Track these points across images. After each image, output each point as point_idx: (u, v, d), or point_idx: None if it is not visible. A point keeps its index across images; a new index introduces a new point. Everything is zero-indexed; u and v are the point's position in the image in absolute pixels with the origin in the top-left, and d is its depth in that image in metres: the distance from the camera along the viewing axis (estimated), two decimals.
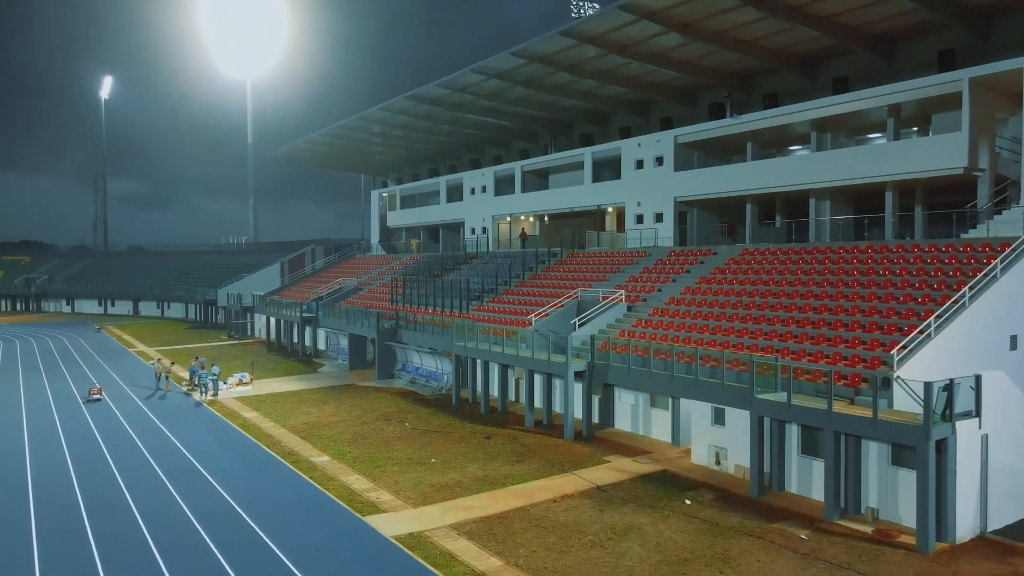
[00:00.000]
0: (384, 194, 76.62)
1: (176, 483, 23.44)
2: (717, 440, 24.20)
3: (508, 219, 56.94)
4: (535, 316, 35.28)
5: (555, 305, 36.76)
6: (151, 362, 40.50)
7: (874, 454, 20.15)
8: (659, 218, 43.09)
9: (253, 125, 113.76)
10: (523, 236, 55.56)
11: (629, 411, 29.34)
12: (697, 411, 24.98)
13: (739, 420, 23.02)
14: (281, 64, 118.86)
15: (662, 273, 36.52)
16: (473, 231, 60.32)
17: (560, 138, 54.26)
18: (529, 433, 29.58)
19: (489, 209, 58.47)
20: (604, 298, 34.67)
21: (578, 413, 29.49)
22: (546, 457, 26.01)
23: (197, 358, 42.94)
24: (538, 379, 31.59)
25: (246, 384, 41.73)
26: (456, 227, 65.50)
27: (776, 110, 36.71)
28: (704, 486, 22.63)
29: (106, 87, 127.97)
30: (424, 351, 40.72)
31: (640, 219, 44.42)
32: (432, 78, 48.96)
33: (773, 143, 40.97)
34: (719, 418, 24.11)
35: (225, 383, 40.94)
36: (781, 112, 36.25)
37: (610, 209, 49.54)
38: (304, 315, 54.36)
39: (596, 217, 49.32)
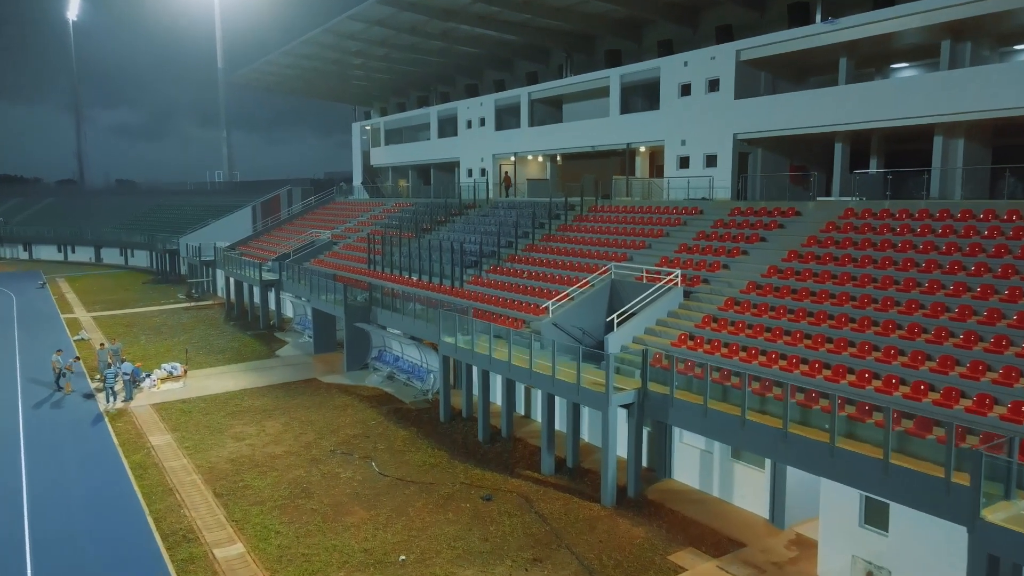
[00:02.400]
0: (367, 127, 65.74)
1: None
2: (870, 551, 14.75)
3: (512, 159, 46.54)
4: (553, 303, 25.56)
5: (580, 283, 27.00)
6: (54, 358, 31.25)
7: None
8: (711, 162, 32.88)
9: (224, 49, 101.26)
10: (506, 182, 45.32)
11: (697, 458, 19.96)
12: (831, 491, 15.55)
13: (919, 527, 13.64)
14: None
15: (726, 240, 26.61)
16: (470, 173, 49.99)
17: (578, 57, 43.28)
18: (548, 488, 20.29)
19: (489, 147, 47.97)
20: (648, 276, 24.90)
21: (622, 450, 20.15)
22: (579, 549, 16.77)
23: (104, 345, 33.42)
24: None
25: (177, 378, 32.40)
26: (450, 167, 55.14)
27: (891, 10, 26.06)
28: None
29: (73, 8, 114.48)
30: (407, 341, 31.17)
31: (684, 162, 34.20)
32: None
33: (874, 59, 30.38)
34: (876, 516, 14.70)
35: (149, 376, 31.60)
36: (900, 12, 25.63)
37: (642, 149, 39.19)
38: (264, 277, 44.63)
39: (624, 159, 39.00)
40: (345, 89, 65.84)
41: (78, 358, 32.82)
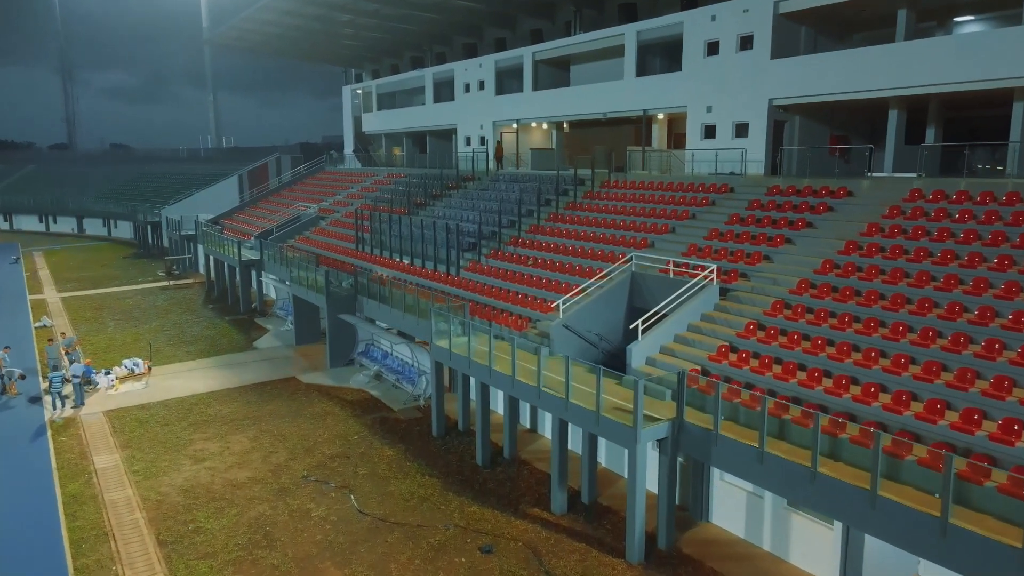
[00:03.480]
0: (358, 91, 61.26)
1: None
2: None
3: (515, 127, 42.40)
4: (564, 300, 21.85)
5: (597, 274, 23.27)
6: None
7: None
8: (741, 131, 28.89)
9: (208, 7, 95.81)
10: (498, 153, 41.28)
11: (742, 502, 16.40)
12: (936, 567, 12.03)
13: None
14: None
15: (765, 225, 22.77)
16: (468, 142, 45.85)
17: (588, 12, 38.86)
18: (561, 535, 16.82)
19: (489, 112, 43.77)
20: (675, 269, 21.14)
21: (652, 485, 16.62)
22: None
23: (52, 340, 29.76)
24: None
25: (139, 377, 28.87)
26: (447, 135, 50.93)
27: None
28: None
29: None
30: (396, 338, 27.51)
31: (710, 132, 30.19)
32: None
33: (936, 12, 26.21)
34: None
35: (108, 375, 28.06)
36: None
37: (660, 116, 35.08)
38: (244, 257, 40.85)
39: (640, 127, 34.93)
40: (333, 50, 61.14)
41: (7, 348, 28.85)
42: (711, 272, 19.94)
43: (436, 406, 22.48)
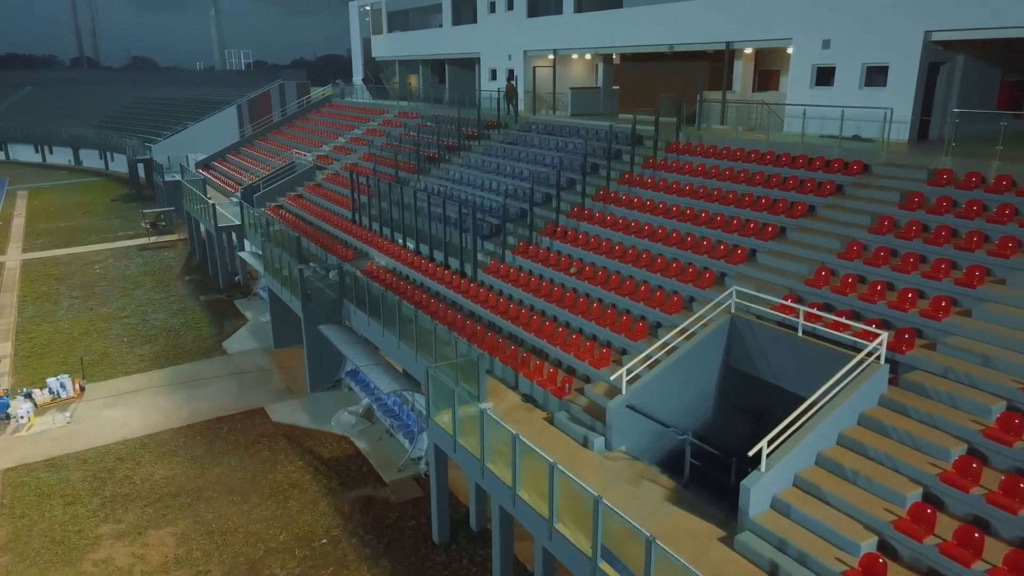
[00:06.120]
0: (366, 7, 52.16)
1: None
2: None
3: (551, 58, 33.75)
4: (627, 365, 14.40)
5: (669, 303, 15.71)
6: None
7: None
8: (874, 77, 20.44)
9: None
10: (509, 93, 32.90)
11: None
12: None
13: None
14: None
15: (944, 242, 14.63)
16: (494, 75, 37.35)
17: None
18: None
19: (519, 39, 35.10)
20: (805, 324, 13.41)
21: None
22: None
23: None
24: None
25: (66, 402, 22.45)
26: (469, 64, 42.34)
27: None
28: None
29: None
30: (385, 375, 20.31)
31: (825, 76, 21.72)
32: None
33: None
34: None
35: (27, 400, 21.69)
36: None
37: (748, 51, 26.37)
38: (219, 224, 33.71)
39: (716, 65, 26.32)
40: None
41: None
42: (879, 341, 12.18)
43: (437, 504, 15.54)
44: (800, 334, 13.30)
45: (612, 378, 14.02)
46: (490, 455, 13.19)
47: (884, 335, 12.10)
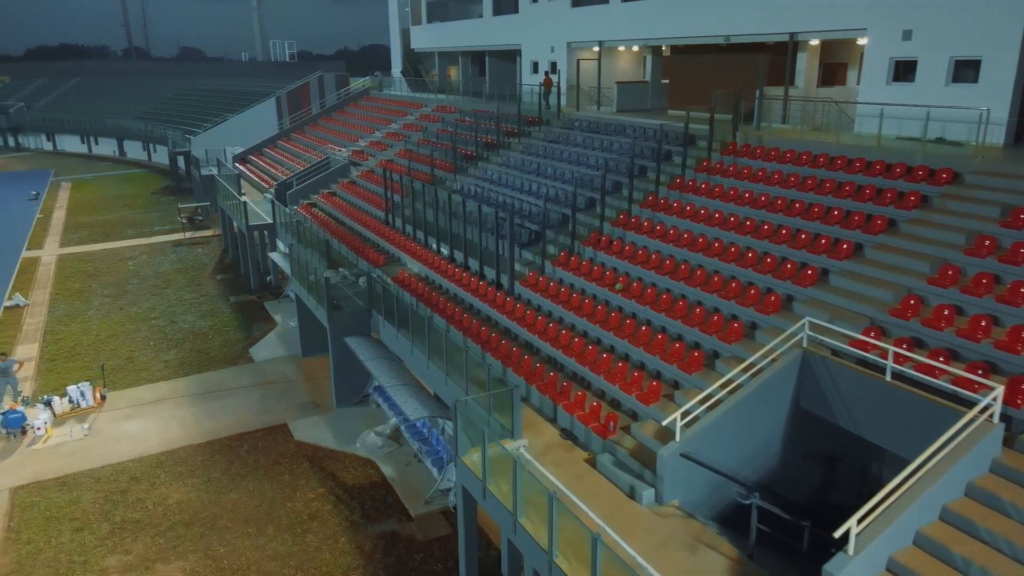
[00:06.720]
0: None
1: None
2: None
3: (596, 49, 31.86)
4: (682, 407, 12.68)
5: (729, 328, 13.93)
6: None
7: None
8: (963, 72, 18.21)
9: None
10: (547, 85, 31.06)
11: None
12: None
13: None
14: None
15: None
16: (535, 68, 35.59)
17: None
18: None
19: (562, 31, 33.27)
20: (894, 366, 11.49)
21: None
22: None
23: (5, 355, 22.40)
24: None
25: (86, 412, 21.59)
26: (511, 56, 40.66)
27: None
28: None
29: None
30: (420, 392, 18.84)
31: (904, 70, 19.52)
32: None
33: None
34: None
35: (46, 410, 20.88)
36: None
37: (814, 42, 24.15)
38: (250, 222, 32.74)
39: (782, 59, 24.19)
40: None
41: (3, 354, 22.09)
42: (992, 396, 10.21)
43: (465, 551, 14.03)
44: (888, 378, 11.39)
45: (665, 422, 12.28)
46: (523, 507, 11.62)
47: (999, 389, 10.13)
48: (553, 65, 33.95)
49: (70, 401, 21.74)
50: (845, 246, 15.30)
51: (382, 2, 55.16)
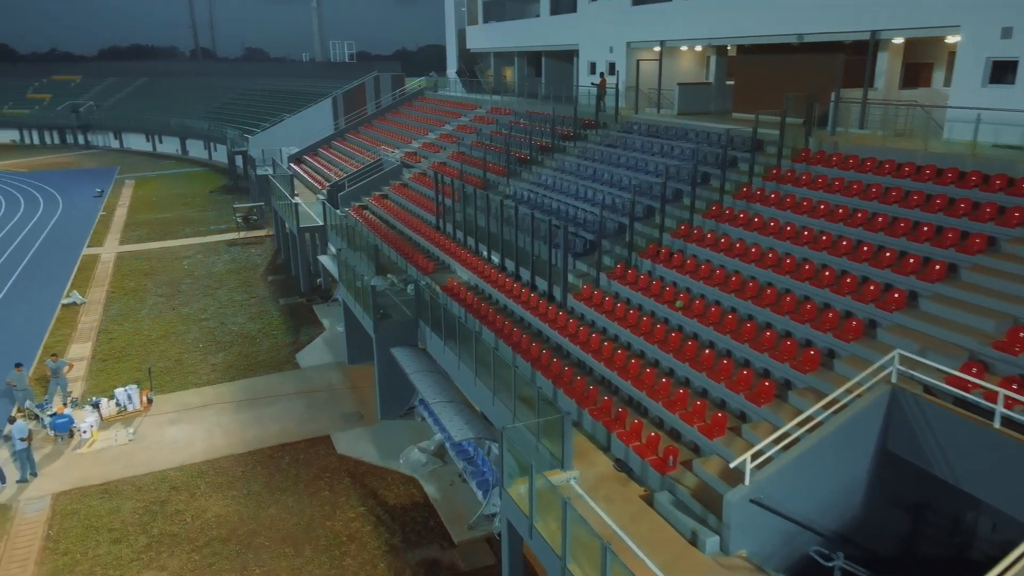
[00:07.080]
0: None
1: None
2: None
3: (656, 50, 30.51)
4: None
5: (803, 357, 12.61)
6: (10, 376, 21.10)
7: None
8: None
9: None
10: (601, 86, 29.74)
11: None
12: None
13: None
14: None
15: None
16: (593, 69, 34.44)
17: None
18: None
19: (621, 31, 32.03)
20: (1004, 411, 10.06)
21: None
22: None
23: (21, 367, 22.27)
24: None
25: (132, 416, 21.45)
26: (568, 57, 39.56)
27: None
28: None
29: None
30: (467, 410, 17.97)
31: (1003, 71, 17.73)
32: None
33: None
34: None
35: (93, 412, 20.81)
36: None
37: (897, 41, 22.38)
38: (301, 224, 32.50)
39: (860, 59, 22.47)
40: None
41: (19, 366, 22.12)
42: None
43: (508, 557, 13.08)
44: (997, 425, 9.96)
45: (734, 463, 11.05)
46: (573, 550, 10.60)
47: None
48: (611, 66, 32.74)
49: (117, 404, 21.64)
50: (937, 267, 13.77)
51: (439, 2, 54.73)
